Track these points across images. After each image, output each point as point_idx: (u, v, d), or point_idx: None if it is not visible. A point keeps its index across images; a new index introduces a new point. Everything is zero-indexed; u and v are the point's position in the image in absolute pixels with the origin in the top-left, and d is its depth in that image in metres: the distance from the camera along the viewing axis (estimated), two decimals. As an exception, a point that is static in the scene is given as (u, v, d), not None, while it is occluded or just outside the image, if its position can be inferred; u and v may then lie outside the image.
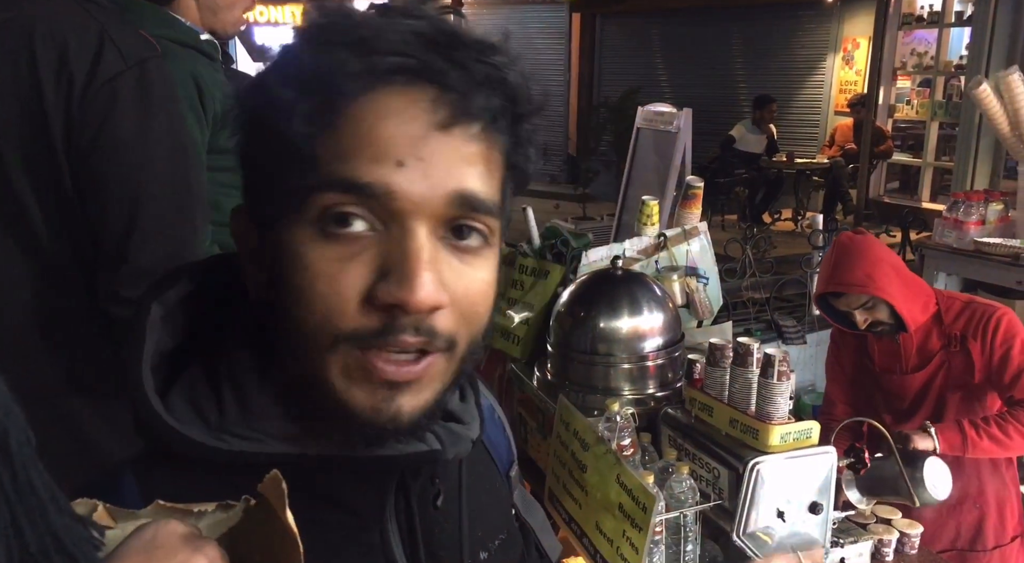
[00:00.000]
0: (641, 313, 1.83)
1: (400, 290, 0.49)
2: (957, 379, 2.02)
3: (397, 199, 0.49)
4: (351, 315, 0.50)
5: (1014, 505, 2.07)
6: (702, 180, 2.54)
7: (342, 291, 0.49)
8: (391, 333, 0.50)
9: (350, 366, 0.51)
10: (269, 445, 0.54)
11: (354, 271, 0.49)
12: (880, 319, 2.01)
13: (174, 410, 0.54)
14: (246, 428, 0.54)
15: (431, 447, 0.58)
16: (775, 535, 1.51)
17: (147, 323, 0.55)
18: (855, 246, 2.01)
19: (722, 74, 10.48)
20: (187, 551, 0.44)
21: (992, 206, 3.29)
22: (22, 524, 0.33)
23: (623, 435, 1.60)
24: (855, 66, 9.24)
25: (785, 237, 7.19)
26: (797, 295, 3.64)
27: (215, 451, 0.53)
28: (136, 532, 0.45)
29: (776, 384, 1.50)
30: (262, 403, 0.55)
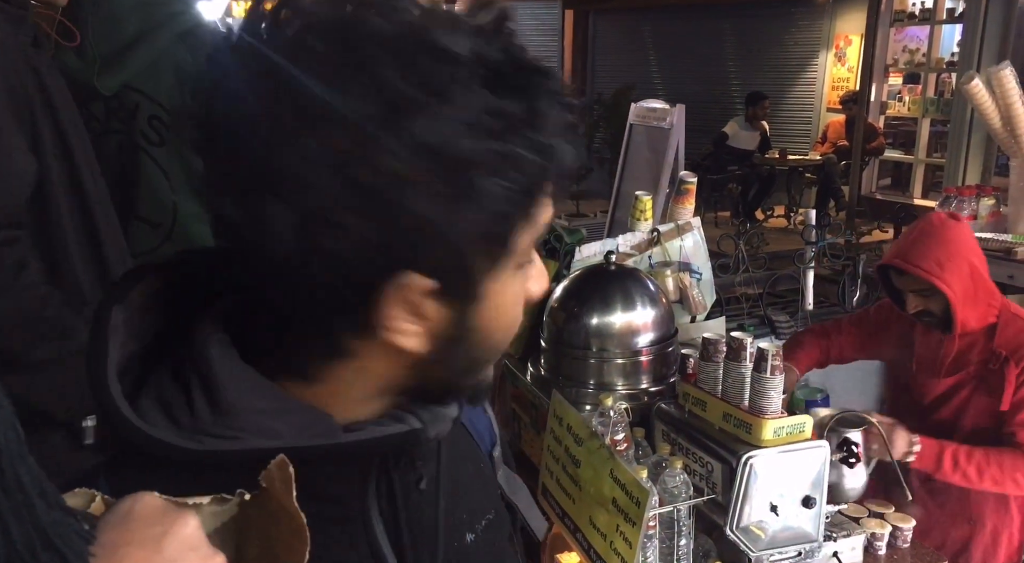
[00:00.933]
0: (634, 308, 1.82)
1: (542, 285, 0.60)
2: (984, 398, 1.91)
3: None
4: (520, 317, 0.60)
5: (1014, 533, 1.98)
6: (695, 176, 2.54)
7: (522, 304, 0.60)
8: None
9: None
10: (247, 441, 0.53)
11: (524, 284, 0.59)
12: (932, 310, 1.90)
13: (144, 413, 0.53)
14: (222, 427, 0.53)
15: (411, 427, 0.57)
16: (768, 529, 1.51)
17: (108, 328, 0.54)
18: (941, 230, 1.87)
19: (715, 71, 10.49)
20: (167, 521, 0.43)
21: (984, 201, 3.31)
22: (8, 520, 0.33)
23: (616, 430, 1.60)
24: (847, 63, 9.26)
25: (778, 234, 7.20)
26: (790, 290, 3.65)
27: (189, 452, 0.52)
28: (113, 506, 0.44)
29: (769, 379, 1.51)
30: (236, 401, 0.54)
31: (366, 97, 0.47)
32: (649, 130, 4.22)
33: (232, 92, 0.49)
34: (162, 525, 0.43)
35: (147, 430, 0.52)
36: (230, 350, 0.55)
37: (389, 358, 0.56)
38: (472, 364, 0.59)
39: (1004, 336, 1.89)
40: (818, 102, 9.61)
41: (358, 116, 0.46)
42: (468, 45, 0.49)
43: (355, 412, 0.58)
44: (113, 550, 0.41)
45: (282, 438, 0.54)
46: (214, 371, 0.54)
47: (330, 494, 0.58)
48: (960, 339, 1.92)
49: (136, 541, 0.41)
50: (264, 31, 0.49)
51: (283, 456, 0.46)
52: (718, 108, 9.70)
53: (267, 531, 0.47)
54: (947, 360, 1.96)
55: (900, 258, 1.89)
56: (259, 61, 0.48)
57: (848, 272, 3.65)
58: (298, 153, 0.47)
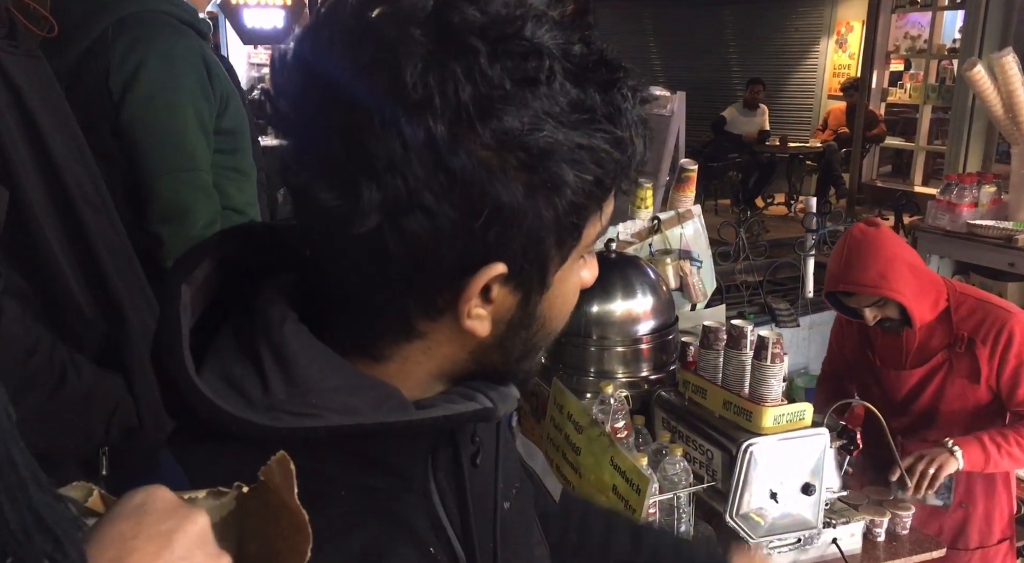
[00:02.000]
0: (635, 296, 1.82)
1: (594, 273, 0.63)
2: (958, 381, 1.96)
3: None
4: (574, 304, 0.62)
5: (1003, 508, 2.03)
6: (696, 163, 2.54)
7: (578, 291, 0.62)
8: None
9: None
10: (326, 418, 0.54)
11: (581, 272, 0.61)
12: (889, 316, 1.95)
13: (211, 388, 0.54)
14: (299, 404, 0.54)
15: (483, 405, 0.59)
16: (768, 516, 1.52)
17: (180, 306, 0.55)
18: (868, 242, 1.92)
19: (715, 58, 10.44)
20: (178, 517, 0.43)
21: (985, 188, 3.30)
22: (1, 500, 0.33)
23: (617, 417, 1.60)
24: (848, 50, 9.21)
25: (778, 221, 7.19)
26: (790, 278, 3.65)
27: (267, 430, 0.53)
28: (125, 497, 0.44)
29: (770, 366, 1.51)
30: (312, 377, 0.54)
31: (461, 85, 0.48)
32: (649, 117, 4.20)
33: (327, 73, 0.50)
34: (173, 520, 0.42)
35: (226, 408, 0.53)
36: (303, 327, 0.56)
37: (455, 341, 0.57)
38: (530, 350, 0.60)
39: (959, 317, 1.95)
40: (819, 89, 9.58)
41: (453, 103, 0.48)
42: (554, 38, 0.50)
43: (420, 391, 0.59)
44: (123, 542, 0.40)
45: (361, 414, 0.55)
46: (290, 348, 0.55)
47: (396, 468, 0.59)
48: (920, 331, 1.97)
49: (146, 535, 0.41)
50: (354, 14, 0.50)
51: (283, 453, 0.46)
52: (719, 95, 9.66)
53: (267, 526, 0.47)
54: (910, 352, 2.01)
55: (843, 282, 1.94)
56: (357, 44, 0.49)
57: (848, 260, 3.64)
58: (393, 136, 0.48)
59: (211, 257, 0.59)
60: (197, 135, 1.58)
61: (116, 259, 1.26)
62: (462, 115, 0.48)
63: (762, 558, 1.44)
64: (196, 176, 1.57)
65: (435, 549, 0.61)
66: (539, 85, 0.49)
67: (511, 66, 0.48)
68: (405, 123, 0.47)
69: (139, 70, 1.53)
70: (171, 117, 1.55)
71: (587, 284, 0.62)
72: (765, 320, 3.13)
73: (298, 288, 0.59)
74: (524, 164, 0.49)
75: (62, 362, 1.14)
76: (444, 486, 0.63)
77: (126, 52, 1.53)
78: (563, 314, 0.61)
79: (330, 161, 0.50)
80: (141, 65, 1.53)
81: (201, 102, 1.58)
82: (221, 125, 1.65)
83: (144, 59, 1.53)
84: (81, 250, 1.22)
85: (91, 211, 1.24)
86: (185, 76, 1.57)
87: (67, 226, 1.21)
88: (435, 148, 0.48)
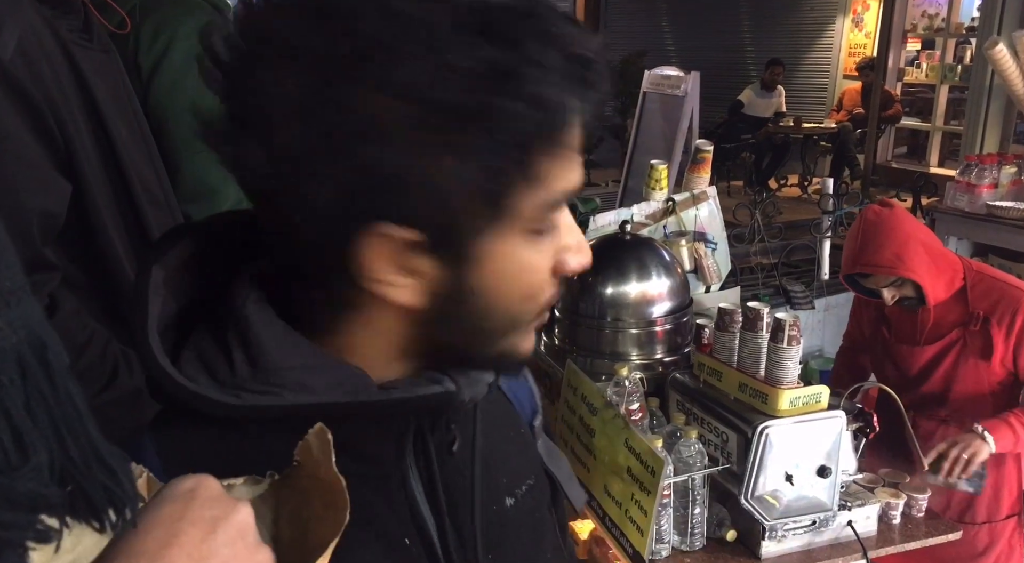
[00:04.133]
0: (649, 278, 1.81)
1: (582, 260, 0.58)
2: (971, 359, 1.97)
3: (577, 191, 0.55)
4: (548, 290, 0.57)
5: (1012, 484, 2.04)
6: (711, 144, 2.51)
7: (544, 275, 0.56)
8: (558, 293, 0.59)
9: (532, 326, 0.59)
10: (283, 397, 0.54)
11: (547, 254, 0.56)
12: (907, 295, 1.96)
13: (186, 371, 0.54)
14: (261, 383, 0.54)
15: (446, 388, 0.57)
16: (783, 498, 1.52)
17: (150, 286, 0.55)
18: (883, 223, 1.93)
19: (730, 37, 10.32)
20: (223, 506, 0.44)
21: (1005, 169, 3.26)
22: (62, 430, 0.34)
23: (631, 400, 1.59)
24: (865, 28, 9.09)
25: (791, 203, 7.14)
26: (805, 260, 3.62)
27: (230, 407, 0.53)
28: (175, 481, 0.45)
29: (786, 349, 1.50)
30: (273, 357, 0.54)
31: (338, 40, 0.46)
32: (663, 98, 4.17)
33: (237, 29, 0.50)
34: (219, 509, 0.43)
35: (188, 385, 0.53)
36: (267, 308, 0.56)
37: (392, 314, 0.55)
38: (483, 330, 0.57)
39: (975, 296, 1.95)
40: (834, 69, 9.46)
41: (327, 58, 0.46)
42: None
43: (384, 372, 0.58)
44: (170, 523, 0.42)
45: (317, 393, 0.54)
46: (252, 329, 0.54)
47: (367, 453, 0.59)
48: (935, 309, 1.97)
49: (193, 519, 0.42)
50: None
51: (321, 424, 0.47)
52: (733, 75, 9.56)
53: (299, 510, 0.47)
54: (925, 329, 2.02)
55: (860, 264, 1.95)
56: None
57: (864, 241, 3.61)
58: (265, 91, 0.47)
59: (191, 240, 0.58)
60: None
61: None
62: (335, 69, 0.46)
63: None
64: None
65: (411, 540, 0.60)
66: (435, 40, 0.46)
67: (403, 20, 0.46)
68: (276, 76, 0.47)
69: (168, 50, 1.53)
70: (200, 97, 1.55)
71: (570, 269, 0.58)
72: (780, 302, 3.11)
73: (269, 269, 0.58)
74: (417, 123, 0.46)
75: (114, 358, 1.14)
76: (426, 477, 0.61)
77: (155, 31, 1.54)
78: (518, 296, 0.55)
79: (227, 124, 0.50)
80: (170, 44, 1.53)
81: None
82: None
83: (173, 38, 1.53)
84: (140, 245, 1.22)
85: (152, 206, 1.24)
86: None
87: (128, 221, 1.21)
88: (308, 105, 0.46)
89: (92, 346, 1.13)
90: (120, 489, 0.37)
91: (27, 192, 1.04)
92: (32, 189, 1.05)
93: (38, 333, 0.34)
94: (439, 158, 0.47)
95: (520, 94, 0.47)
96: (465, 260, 0.52)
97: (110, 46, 1.26)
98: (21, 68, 1.03)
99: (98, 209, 1.15)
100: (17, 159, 1.03)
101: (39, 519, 0.33)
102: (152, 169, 1.27)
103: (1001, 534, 2.05)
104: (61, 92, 1.09)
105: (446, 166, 0.48)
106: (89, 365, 1.11)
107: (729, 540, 1.56)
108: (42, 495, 0.33)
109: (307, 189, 0.48)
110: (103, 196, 1.16)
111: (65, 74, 1.11)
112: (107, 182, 1.17)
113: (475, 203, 0.50)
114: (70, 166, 1.11)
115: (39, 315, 0.35)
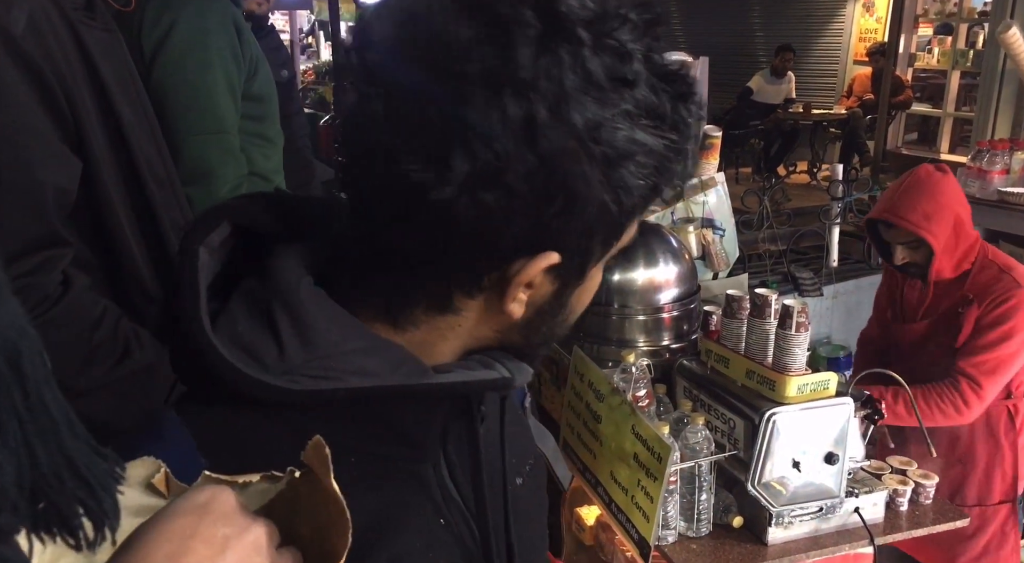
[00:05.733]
0: (657, 265, 1.81)
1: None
2: (947, 339, 1.97)
3: None
4: None
5: (1007, 469, 2.02)
6: (719, 130, 2.49)
7: None
8: None
9: None
10: (344, 381, 0.54)
11: None
12: (916, 261, 1.97)
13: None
14: (317, 367, 0.54)
15: (501, 374, 0.59)
16: (790, 485, 1.52)
17: (199, 266, 0.55)
18: (928, 183, 1.93)
19: (739, 22, 10.23)
20: (236, 524, 0.43)
21: (1017, 155, 3.23)
22: (34, 444, 0.33)
23: (638, 386, 1.59)
24: (876, 13, 9.00)
25: (800, 190, 7.09)
26: (813, 247, 3.61)
27: (284, 392, 0.53)
28: (190, 493, 0.44)
29: (794, 335, 1.49)
30: (329, 341, 0.54)
31: (566, 72, 0.48)
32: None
33: (429, 37, 0.49)
34: (232, 528, 0.43)
35: (244, 370, 0.52)
36: (319, 290, 0.56)
37: (485, 320, 0.57)
38: (551, 336, 0.62)
39: (975, 281, 1.95)
40: (844, 54, 9.37)
41: (556, 88, 0.48)
42: (635, 42, 0.51)
43: (434, 362, 0.59)
44: (181, 540, 0.41)
45: (379, 376, 0.55)
46: (308, 310, 0.54)
47: (411, 436, 0.59)
48: (936, 287, 1.99)
49: (203, 536, 0.42)
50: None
51: (319, 438, 0.46)
52: (742, 61, 9.49)
53: (318, 509, 0.46)
54: (923, 307, 2.04)
55: (889, 212, 1.94)
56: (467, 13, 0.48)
57: (873, 228, 3.59)
58: (495, 112, 0.48)
59: (228, 221, 0.59)
60: (225, 98, 1.57)
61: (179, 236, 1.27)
62: (562, 101, 0.48)
63: None
64: (223, 138, 1.57)
65: (445, 520, 0.62)
66: (628, 86, 0.50)
67: (608, 63, 0.49)
68: (510, 100, 0.48)
69: (171, 31, 1.53)
70: (200, 79, 1.55)
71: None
72: (788, 289, 3.10)
73: (313, 255, 0.58)
74: (603, 159, 0.50)
75: (126, 335, 1.15)
76: (453, 459, 0.63)
77: (159, 11, 1.53)
78: (584, 306, 0.62)
79: (422, 127, 0.49)
80: (173, 26, 1.53)
81: (231, 65, 1.58)
82: (250, 90, 1.64)
83: (176, 20, 1.53)
84: (147, 225, 1.22)
85: (158, 186, 1.24)
86: (216, 39, 1.56)
87: (135, 200, 1.21)
88: (532, 128, 0.48)
89: (105, 322, 1.13)
90: (96, 504, 0.36)
91: (41, 166, 1.04)
92: (46, 164, 1.05)
93: (13, 340, 0.33)
94: (605, 191, 0.51)
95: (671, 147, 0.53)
96: (580, 281, 0.58)
97: (113, 26, 1.25)
98: (32, 44, 1.03)
99: (106, 188, 1.15)
100: (31, 133, 1.03)
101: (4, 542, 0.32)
102: (156, 149, 1.27)
103: (992, 518, 2.04)
104: (70, 70, 1.09)
105: (608, 198, 0.52)
106: (102, 341, 1.12)
107: (735, 526, 1.56)
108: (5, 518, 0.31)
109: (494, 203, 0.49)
110: (111, 175, 1.16)
111: (73, 52, 1.10)
112: (114, 162, 1.17)
113: (610, 233, 0.55)
114: (79, 144, 1.11)
115: (18, 318, 0.33)
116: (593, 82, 0.49)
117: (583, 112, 0.48)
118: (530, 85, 0.48)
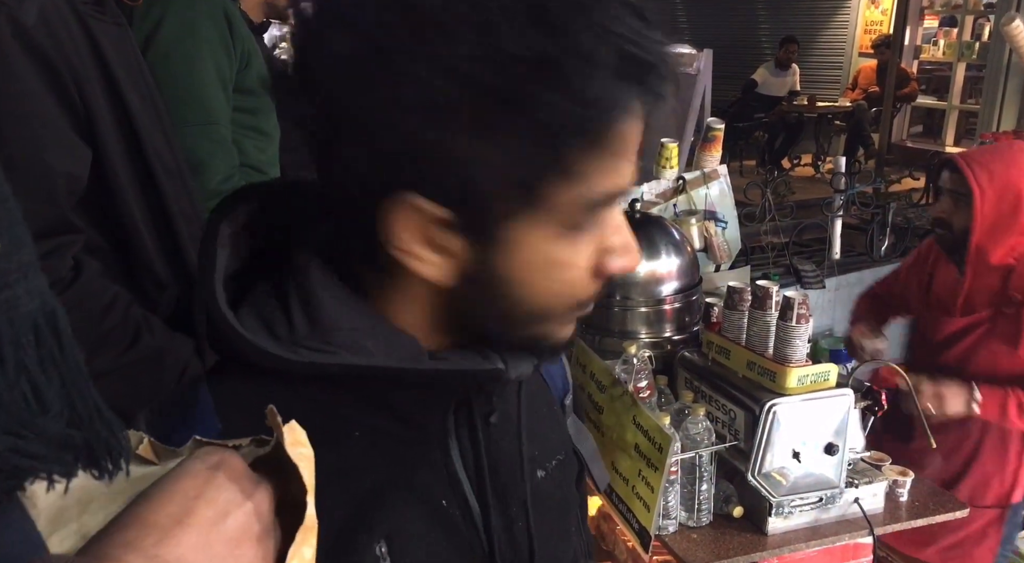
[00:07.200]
0: (659, 257, 1.82)
1: (625, 263, 0.58)
2: (994, 341, 1.90)
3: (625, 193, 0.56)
4: (585, 288, 0.57)
5: (1005, 477, 1.99)
6: (723, 122, 2.50)
7: (580, 272, 0.56)
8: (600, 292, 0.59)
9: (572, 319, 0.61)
10: (340, 357, 0.56)
11: (585, 252, 0.56)
12: (952, 222, 1.87)
13: (245, 324, 0.56)
14: (318, 341, 0.56)
15: (494, 366, 0.59)
16: (790, 475, 1.53)
17: (217, 242, 0.58)
18: (1011, 150, 1.84)
19: (743, 15, 10.21)
20: (244, 487, 0.45)
21: (1020, 148, 3.22)
22: (70, 390, 0.38)
23: (640, 377, 1.60)
24: (881, 5, 8.97)
25: (804, 183, 7.08)
26: (816, 240, 3.61)
27: (286, 361, 0.55)
28: (201, 454, 0.46)
29: (795, 327, 1.50)
30: (332, 318, 0.57)
31: (395, 13, 0.48)
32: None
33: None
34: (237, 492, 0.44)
35: (250, 338, 0.55)
36: (330, 272, 0.58)
37: (425, 287, 0.56)
38: (513, 316, 0.57)
39: (1017, 280, 1.86)
40: (850, 47, 9.34)
41: (383, 28, 0.48)
42: None
43: (426, 342, 0.60)
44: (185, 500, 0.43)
45: (372, 357, 0.57)
46: (314, 290, 0.57)
47: (413, 418, 0.61)
48: (974, 278, 1.90)
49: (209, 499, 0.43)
50: None
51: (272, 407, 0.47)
52: (746, 53, 9.46)
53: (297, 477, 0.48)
54: (960, 299, 1.95)
55: (964, 155, 1.87)
56: None
57: (877, 220, 3.60)
58: (324, 52, 0.50)
59: (253, 202, 0.61)
60: (216, 89, 1.58)
61: (189, 225, 1.28)
62: (392, 42, 0.48)
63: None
64: (213, 130, 1.58)
65: (447, 502, 0.62)
66: (488, 26, 0.46)
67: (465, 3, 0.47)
68: (337, 38, 0.49)
69: (161, 22, 1.54)
70: (190, 70, 1.55)
71: (613, 270, 0.58)
72: (790, 281, 3.10)
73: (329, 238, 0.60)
74: (458, 103, 0.48)
75: (136, 321, 1.16)
76: (466, 444, 0.64)
77: (149, 3, 1.54)
78: (545, 287, 0.56)
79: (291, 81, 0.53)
80: (163, 18, 1.54)
81: (221, 57, 1.58)
82: (243, 83, 1.64)
83: (165, 12, 1.54)
84: (157, 213, 1.24)
85: (167, 176, 1.26)
86: (206, 30, 1.56)
87: (145, 189, 1.23)
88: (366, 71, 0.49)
89: (115, 308, 1.15)
90: (117, 442, 0.40)
91: (52, 154, 1.06)
92: (57, 151, 1.07)
93: (51, 303, 0.37)
94: (475, 139, 0.48)
95: (560, 86, 0.47)
96: (493, 243, 0.53)
97: (122, 19, 1.27)
98: (44, 35, 1.05)
99: (116, 175, 1.17)
100: (42, 121, 1.05)
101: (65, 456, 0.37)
102: (165, 140, 1.29)
103: (978, 518, 1.98)
104: (81, 61, 1.11)
105: (480, 148, 0.49)
106: (113, 326, 1.14)
107: (736, 516, 1.57)
108: (70, 436, 0.37)
109: (349, 149, 0.51)
110: (121, 164, 1.18)
111: (83, 45, 1.12)
112: (124, 151, 1.19)
113: (505, 188, 0.50)
114: (90, 133, 1.13)
115: (47, 286, 0.38)
116: (437, 23, 0.47)
117: (424, 55, 0.47)
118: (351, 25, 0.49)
